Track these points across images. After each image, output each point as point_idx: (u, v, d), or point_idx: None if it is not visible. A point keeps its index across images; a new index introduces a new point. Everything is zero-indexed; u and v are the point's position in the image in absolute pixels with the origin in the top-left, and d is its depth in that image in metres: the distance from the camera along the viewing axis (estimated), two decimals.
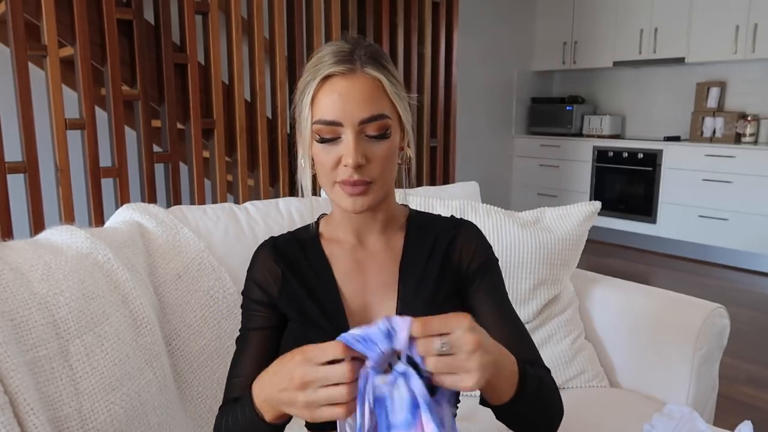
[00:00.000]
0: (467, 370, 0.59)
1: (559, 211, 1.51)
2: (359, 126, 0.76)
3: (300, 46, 2.68)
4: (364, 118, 0.76)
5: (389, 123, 0.78)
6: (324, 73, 0.76)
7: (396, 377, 0.60)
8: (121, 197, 2.24)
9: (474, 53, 4.94)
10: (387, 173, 0.80)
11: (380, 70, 0.78)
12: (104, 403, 0.88)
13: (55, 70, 2.03)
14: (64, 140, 2.08)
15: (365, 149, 0.77)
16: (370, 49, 0.80)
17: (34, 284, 0.89)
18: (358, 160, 0.76)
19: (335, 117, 0.76)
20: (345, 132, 0.76)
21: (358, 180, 0.77)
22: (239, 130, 2.53)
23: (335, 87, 0.76)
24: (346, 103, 0.75)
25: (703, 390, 1.39)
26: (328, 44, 0.81)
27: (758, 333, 3.04)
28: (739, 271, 4.17)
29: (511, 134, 5.58)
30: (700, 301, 1.44)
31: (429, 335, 0.59)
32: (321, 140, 0.78)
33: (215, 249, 1.25)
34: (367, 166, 0.77)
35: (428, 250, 0.87)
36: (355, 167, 0.76)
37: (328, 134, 0.77)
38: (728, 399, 2.33)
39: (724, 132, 4.41)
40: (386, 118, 0.77)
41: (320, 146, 0.79)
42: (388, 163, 0.79)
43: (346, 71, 0.76)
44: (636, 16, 4.78)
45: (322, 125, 0.77)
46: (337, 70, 0.76)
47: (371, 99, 0.76)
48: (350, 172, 0.77)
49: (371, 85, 0.77)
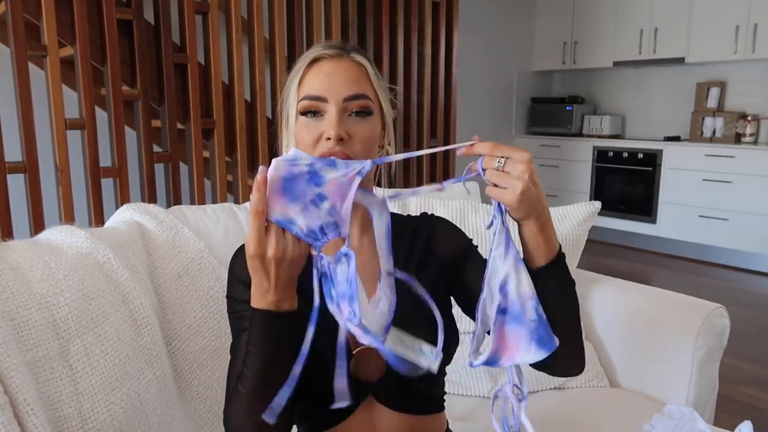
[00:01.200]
0: (512, 186, 0.67)
1: (559, 211, 1.51)
2: (343, 103, 0.79)
3: (300, 46, 2.68)
4: (348, 95, 0.79)
5: (371, 105, 0.82)
6: (313, 55, 0.82)
7: (340, 257, 0.70)
8: (121, 197, 2.24)
9: (474, 53, 4.94)
10: (368, 153, 0.81)
11: (366, 59, 0.84)
12: (104, 403, 0.88)
13: (55, 70, 2.03)
14: (64, 140, 2.08)
15: (348, 126, 0.79)
16: (357, 46, 0.87)
17: (34, 284, 0.89)
18: (340, 133, 0.77)
19: (320, 92, 0.79)
20: (329, 108, 0.79)
21: (339, 152, 0.77)
22: (239, 130, 2.53)
23: (323, 67, 0.81)
24: (333, 80, 0.79)
25: (703, 390, 1.39)
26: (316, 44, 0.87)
27: (758, 333, 3.04)
28: (739, 271, 4.17)
29: (511, 134, 5.58)
30: (700, 301, 1.44)
31: (494, 155, 0.68)
32: (304, 113, 0.80)
33: (215, 249, 1.25)
34: (349, 141, 0.79)
35: (408, 242, 0.91)
36: (337, 140, 0.77)
37: (313, 108, 0.80)
38: (728, 399, 2.34)
39: (724, 132, 4.41)
40: (368, 99, 0.81)
41: (303, 122, 0.80)
42: (369, 144, 0.81)
43: (335, 54, 0.82)
44: (636, 16, 4.79)
45: (307, 101, 0.80)
46: (326, 53, 0.82)
47: (356, 80, 0.81)
48: (331, 145, 0.77)
49: (357, 69, 0.82)
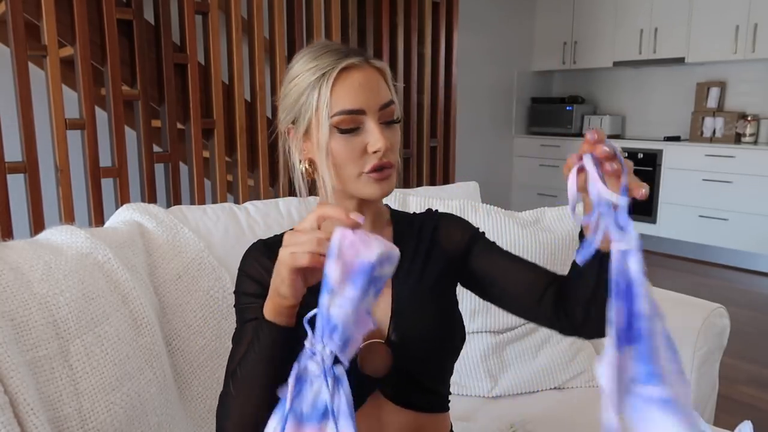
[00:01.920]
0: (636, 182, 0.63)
1: (560, 211, 1.51)
2: (379, 112, 0.79)
3: (300, 46, 2.68)
4: (382, 104, 0.79)
5: (396, 109, 0.82)
6: (342, 64, 0.77)
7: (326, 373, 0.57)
8: (121, 197, 2.24)
9: (474, 53, 4.94)
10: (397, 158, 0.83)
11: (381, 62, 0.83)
12: (104, 403, 0.88)
13: (55, 70, 2.03)
14: (64, 140, 2.08)
15: (386, 135, 0.80)
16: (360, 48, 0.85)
17: (34, 284, 0.89)
18: (386, 144, 0.78)
19: (358, 105, 0.77)
20: (367, 120, 0.78)
21: (387, 162, 0.79)
22: (239, 129, 2.53)
23: (353, 78, 0.78)
24: (366, 91, 0.78)
25: (703, 390, 1.39)
26: (313, 47, 0.82)
27: (758, 333, 3.04)
28: (739, 271, 4.17)
29: (511, 134, 5.58)
30: (700, 301, 1.44)
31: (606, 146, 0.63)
32: (342, 131, 0.77)
33: (215, 249, 1.25)
34: (389, 150, 0.80)
35: (415, 238, 0.92)
36: (386, 151, 0.78)
37: (350, 124, 0.77)
38: (728, 399, 2.33)
39: (724, 132, 4.41)
40: (394, 103, 0.81)
41: (341, 139, 0.78)
42: (398, 147, 0.83)
43: (360, 62, 0.79)
44: (636, 16, 4.78)
45: (344, 115, 0.77)
46: (353, 61, 0.78)
47: (383, 87, 0.80)
48: (379, 157, 0.78)
49: (379, 75, 0.81)
